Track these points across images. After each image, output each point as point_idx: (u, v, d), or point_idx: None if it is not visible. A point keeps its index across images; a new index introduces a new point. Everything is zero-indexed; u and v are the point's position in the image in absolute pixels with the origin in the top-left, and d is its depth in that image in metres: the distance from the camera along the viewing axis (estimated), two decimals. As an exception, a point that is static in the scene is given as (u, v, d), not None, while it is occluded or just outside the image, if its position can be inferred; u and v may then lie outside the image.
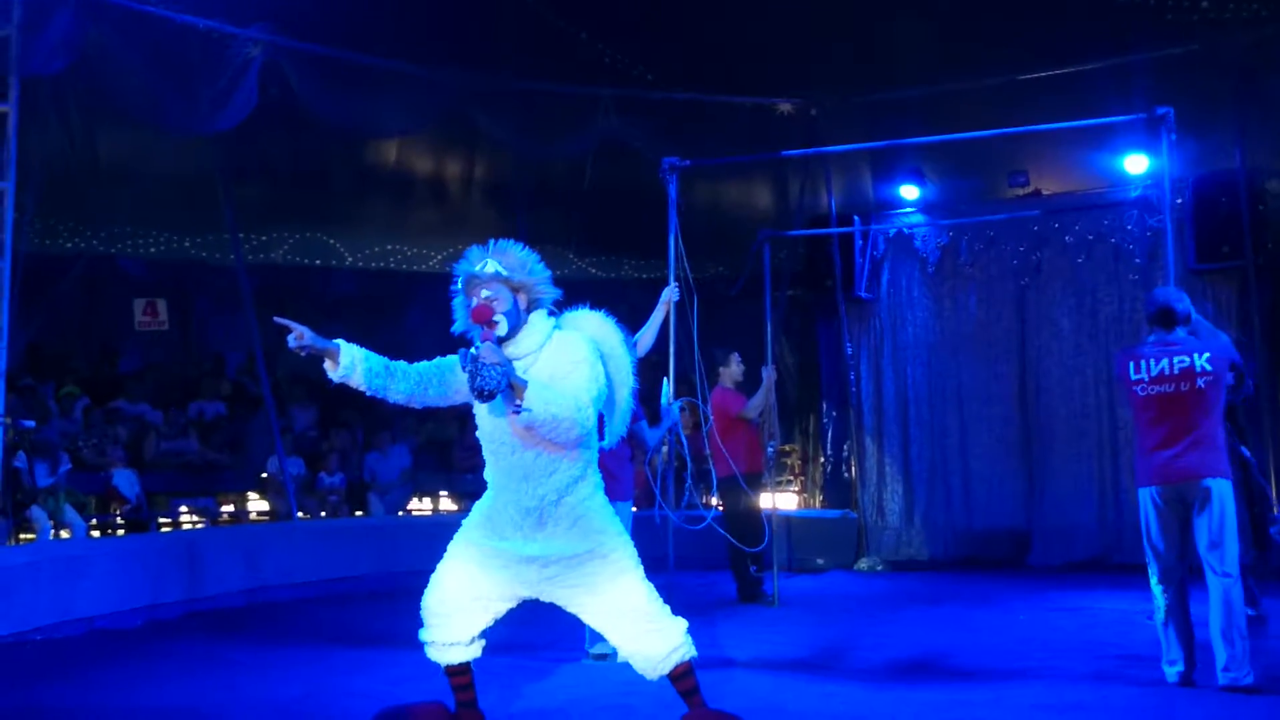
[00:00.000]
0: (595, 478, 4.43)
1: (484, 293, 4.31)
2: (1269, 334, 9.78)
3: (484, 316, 4.24)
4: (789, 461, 12.20)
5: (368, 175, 12.74)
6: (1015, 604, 8.24)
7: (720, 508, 8.75)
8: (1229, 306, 9.96)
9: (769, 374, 8.79)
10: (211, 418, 11.61)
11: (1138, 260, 10.29)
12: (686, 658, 4.33)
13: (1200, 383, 5.36)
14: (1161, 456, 5.42)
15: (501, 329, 4.27)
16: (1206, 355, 5.40)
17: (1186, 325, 5.57)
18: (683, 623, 4.38)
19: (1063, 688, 5.43)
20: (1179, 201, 9.83)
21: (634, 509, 6.76)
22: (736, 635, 7.00)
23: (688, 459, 8.16)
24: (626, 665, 6.08)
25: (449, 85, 10.64)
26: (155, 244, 12.73)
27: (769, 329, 9.09)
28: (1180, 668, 5.43)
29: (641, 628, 4.30)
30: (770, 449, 9.34)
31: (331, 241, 13.50)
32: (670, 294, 6.98)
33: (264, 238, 13.11)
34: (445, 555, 4.57)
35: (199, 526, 10.33)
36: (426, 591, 4.58)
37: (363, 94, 10.47)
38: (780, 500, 12.89)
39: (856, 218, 11.19)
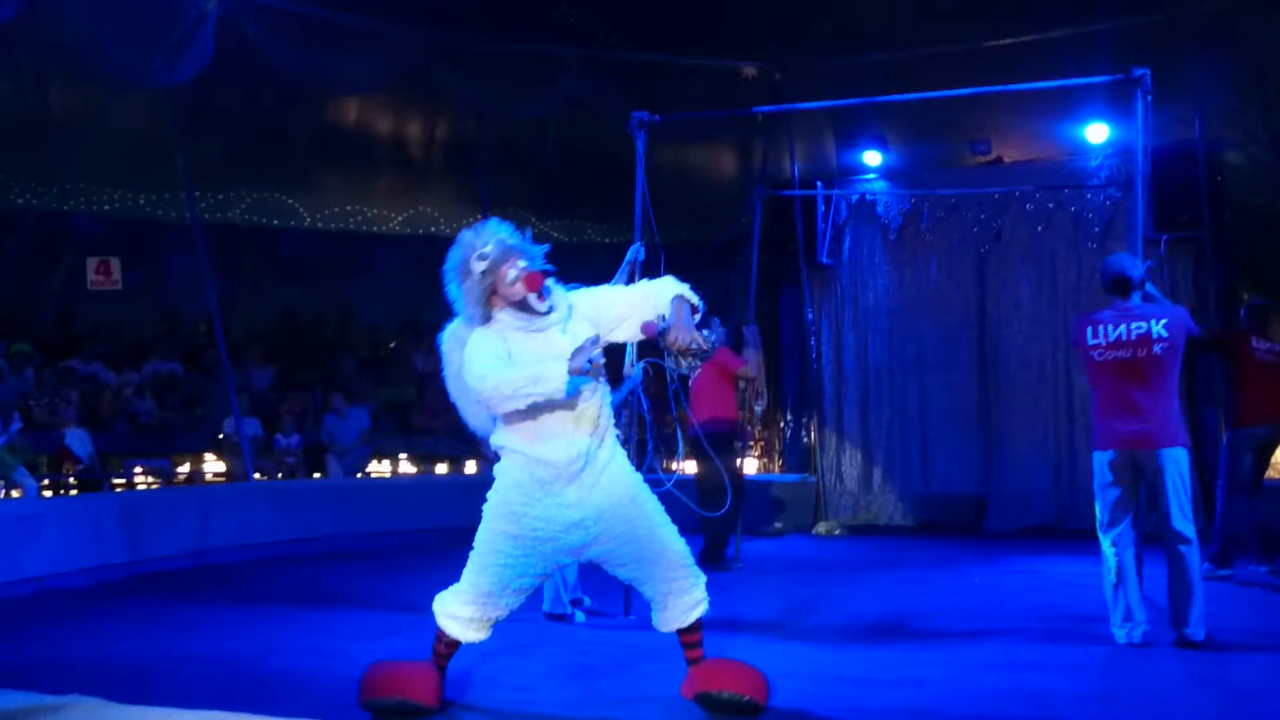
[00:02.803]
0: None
1: (521, 263, 4.28)
2: (1223, 303, 9.88)
3: (539, 284, 4.25)
4: (749, 426, 12.23)
5: (328, 134, 12.59)
6: (970, 568, 8.33)
7: (696, 470, 8.57)
8: (1185, 276, 10.06)
9: (754, 333, 8.74)
10: (167, 377, 11.47)
11: (1096, 229, 10.36)
12: (706, 610, 4.41)
13: (1157, 349, 5.40)
14: (1118, 421, 5.47)
15: (550, 296, 4.30)
16: (1164, 321, 5.44)
17: (1140, 290, 5.62)
18: (704, 575, 4.45)
19: (1015, 647, 5.50)
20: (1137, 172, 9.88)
21: None
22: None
23: (649, 422, 8.09)
24: (582, 626, 6.14)
25: (410, 42, 10.49)
26: (110, 201, 12.51)
27: (753, 288, 9.02)
28: (1129, 628, 5.51)
29: (679, 574, 4.35)
30: (759, 408, 9.29)
31: (290, 201, 13.34)
32: (635, 253, 6.87)
33: (221, 196, 12.93)
34: (483, 545, 4.42)
35: (153, 487, 10.22)
36: (475, 579, 4.43)
37: (322, 50, 10.29)
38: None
39: (819, 183, 11.17)
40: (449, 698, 4.54)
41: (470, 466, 11.85)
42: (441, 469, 11.98)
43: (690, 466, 8.73)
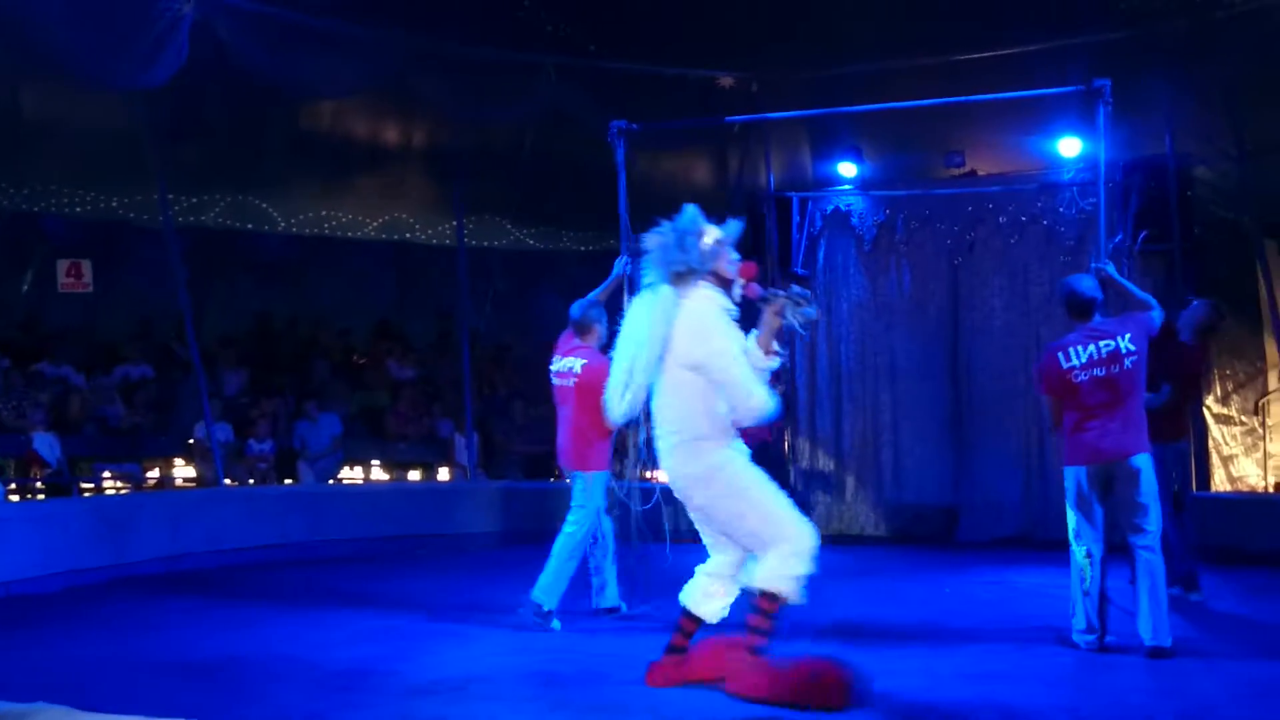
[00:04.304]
0: None
1: (733, 255, 4.65)
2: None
3: (754, 275, 4.69)
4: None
5: (303, 138, 12.54)
6: (941, 578, 8.36)
7: None
8: (1155, 289, 10.12)
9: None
10: (138, 381, 11.39)
11: (1069, 241, 10.43)
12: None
13: (1128, 363, 5.60)
14: (1092, 436, 5.64)
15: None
16: (1129, 335, 5.65)
17: (1100, 310, 5.83)
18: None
19: (984, 658, 5.52)
20: (1112, 184, 9.99)
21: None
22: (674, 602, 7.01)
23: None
24: (554, 633, 6.13)
25: (387, 47, 10.47)
26: (81, 203, 12.42)
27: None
28: (1096, 636, 5.62)
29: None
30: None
31: (264, 205, 13.28)
32: (624, 266, 7.05)
33: (195, 200, 12.86)
34: (777, 498, 4.56)
35: (123, 492, 10.13)
36: (802, 527, 4.51)
37: (299, 55, 10.25)
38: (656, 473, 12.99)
39: (794, 194, 11.22)
40: (416, 709, 4.52)
41: (443, 473, 11.81)
42: (414, 476, 11.94)
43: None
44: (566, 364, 6.63)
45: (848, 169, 11.19)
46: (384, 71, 10.71)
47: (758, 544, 4.49)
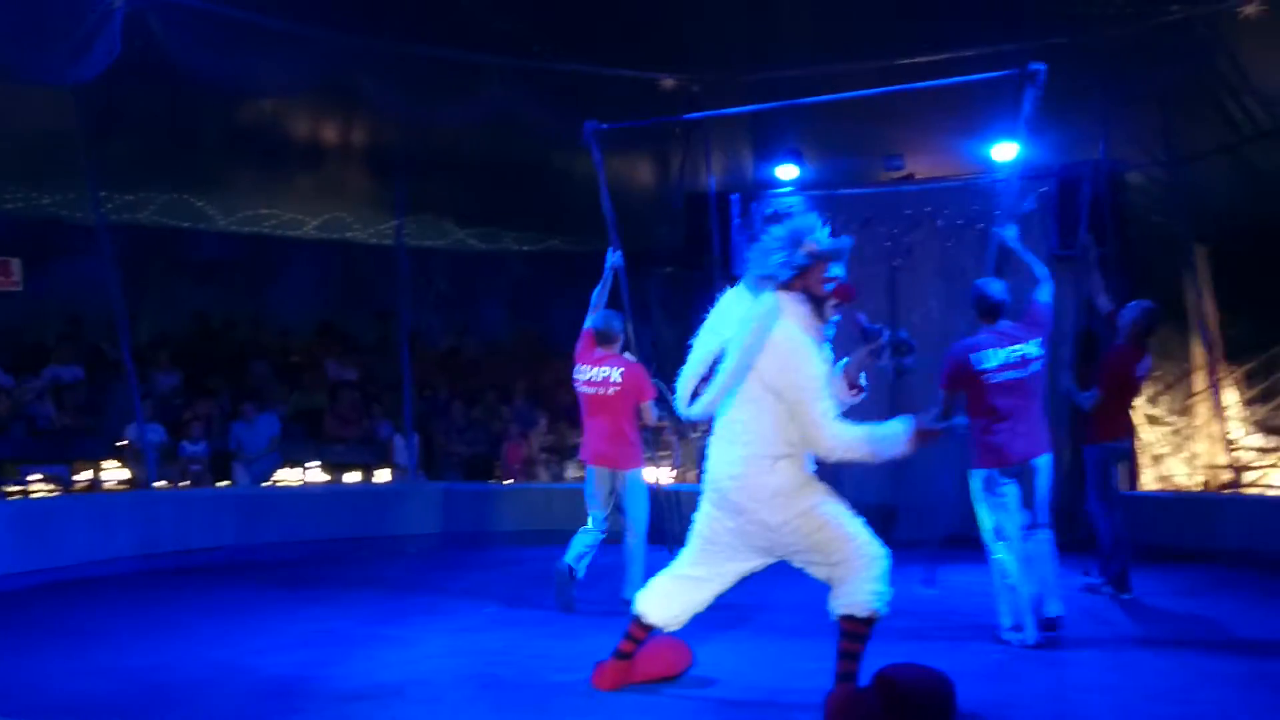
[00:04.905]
0: None
1: (838, 271, 4.48)
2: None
3: (850, 297, 4.52)
4: (664, 436, 12.26)
5: (242, 136, 12.34)
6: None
7: None
8: (1089, 291, 10.30)
9: None
10: (69, 382, 11.14)
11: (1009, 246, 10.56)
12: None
13: (1036, 367, 5.87)
14: (1000, 439, 5.87)
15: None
16: (1036, 340, 5.91)
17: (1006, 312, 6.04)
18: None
19: (919, 657, 5.56)
20: (1043, 190, 10.18)
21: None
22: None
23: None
24: (495, 635, 6.10)
25: (330, 47, 10.36)
26: (11, 200, 12.13)
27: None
28: (1021, 634, 5.74)
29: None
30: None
31: (201, 204, 13.06)
32: (616, 259, 7.25)
33: (130, 197, 12.61)
34: (853, 522, 4.50)
35: (51, 495, 9.90)
36: (884, 552, 4.47)
37: (237, 51, 10.11)
38: (657, 474, 12.99)
39: (735, 196, 11.26)
40: (350, 714, 4.47)
41: (382, 475, 11.70)
42: (353, 477, 11.81)
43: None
44: (601, 373, 6.87)
45: (788, 171, 11.26)
46: (325, 70, 10.59)
47: (831, 564, 4.42)
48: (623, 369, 6.85)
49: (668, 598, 4.74)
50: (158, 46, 9.19)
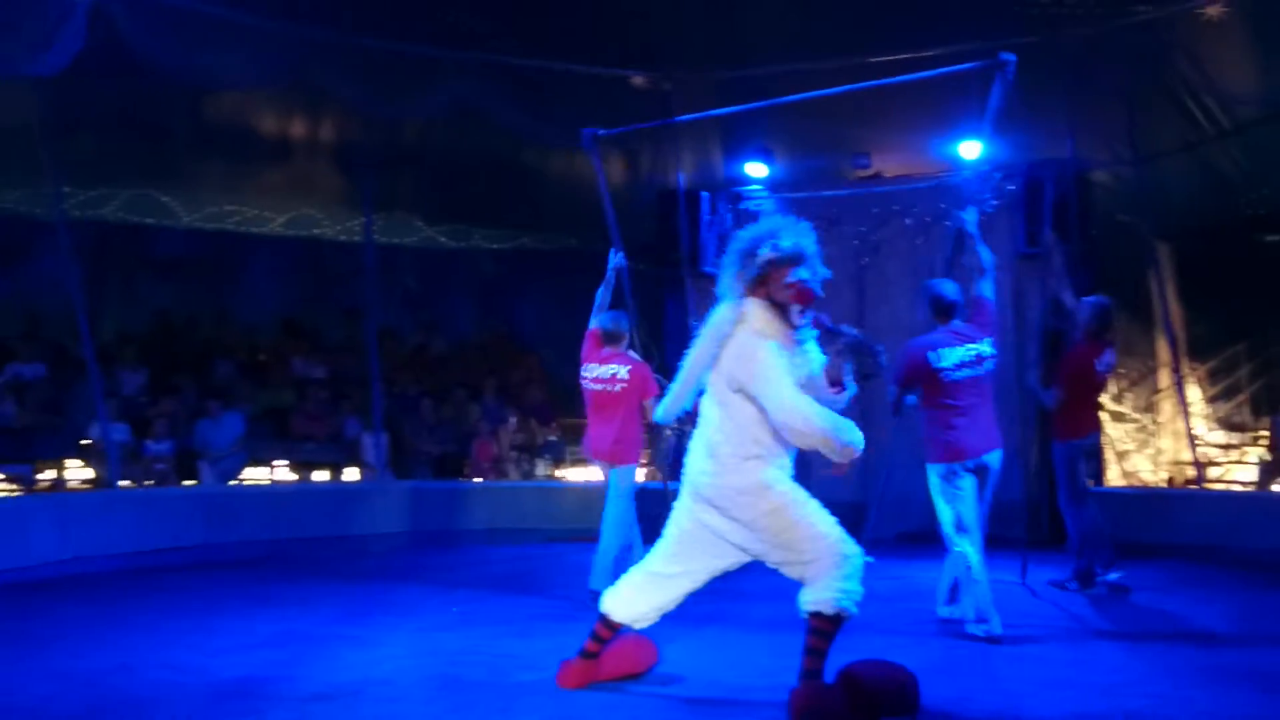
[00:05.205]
0: None
1: (804, 274, 4.44)
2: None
3: (810, 300, 4.46)
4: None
5: (208, 132, 12.24)
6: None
7: None
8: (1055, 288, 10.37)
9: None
10: (31, 380, 11.01)
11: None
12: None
13: (988, 365, 6.08)
14: (957, 435, 6.00)
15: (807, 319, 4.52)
16: (988, 340, 6.11)
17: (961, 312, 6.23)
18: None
19: (883, 651, 5.57)
20: (1010, 189, 10.25)
21: None
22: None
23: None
24: (463, 636, 6.07)
25: (294, 41, 10.27)
26: (-29, 197, 12.00)
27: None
28: (991, 623, 5.81)
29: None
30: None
31: (165, 199, 12.94)
32: (619, 260, 7.41)
33: (94, 193, 12.49)
34: (821, 517, 4.49)
35: (13, 494, 9.78)
36: (857, 551, 4.46)
37: (202, 45, 10.01)
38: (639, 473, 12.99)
39: (705, 193, 11.26)
40: (310, 714, 4.43)
41: (350, 473, 11.64)
42: (320, 476, 11.74)
43: None
44: (609, 370, 7.04)
45: (758, 169, 11.27)
46: (291, 65, 10.51)
47: (803, 563, 4.41)
48: (630, 367, 7.05)
49: (636, 595, 4.74)
50: (122, 40, 9.10)
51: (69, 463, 10.70)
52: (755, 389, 4.34)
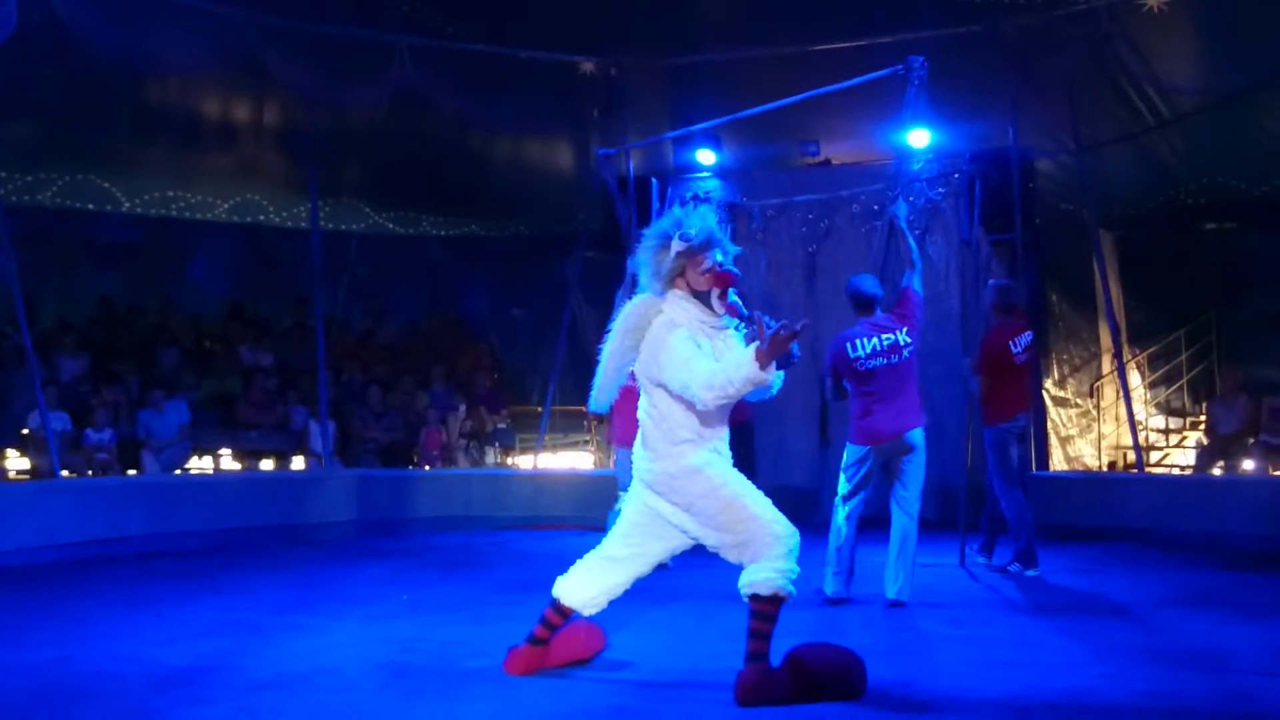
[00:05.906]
0: None
1: (718, 257, 4.45)
2: (1032, 302, 10.37)
3: (729, 283, 4.44)
4: (586, 421, 12.26)
5: (148, 115, 12.02)
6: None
7: None
8: (999, 276, 10.49)
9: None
10: (-33, 369, 10.79)
11: (918, 230, 10.71)
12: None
13: (906, 353, 6.42)
14: (874, 420, 6.39)
15: (729, 300, 4.49)
16: (905, 329, 6.44)
17: (882, 305, 6.57)
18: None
19: (831, 633, 5.63)
20: (956, 176, 10.35)
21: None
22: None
23: None
24: (410, 624, 6.04)
25: (238, 24, 10.12)
26: (-98, 181, 11.69)
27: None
28: (840, 580, 6.50)
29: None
30: None
31: (106, 184, 12.71)
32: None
33: (30, 177, 12.24)
34: (752, 495, 4.48)
35: (-51, 485, 9.59)
36: (793, 531, 4.47)
37: (141, 27, 9.84)
38: (576, 460, 12.98)
39: (654, 180, 11.26)
40: (255, 703, 4.38)
41: (297, 462, 11.52)
42: (266, 465, 11.61)
43: None
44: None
45: (707, 156, 11.29)
46: (233, 48, 10.36)
47: (739, 544, 4.42)
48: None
49: (587, 578, 4.74)
50: (58, 21, 8.91)
51: (8, 452, 10.51)
52: (666, 377, 4.37)
